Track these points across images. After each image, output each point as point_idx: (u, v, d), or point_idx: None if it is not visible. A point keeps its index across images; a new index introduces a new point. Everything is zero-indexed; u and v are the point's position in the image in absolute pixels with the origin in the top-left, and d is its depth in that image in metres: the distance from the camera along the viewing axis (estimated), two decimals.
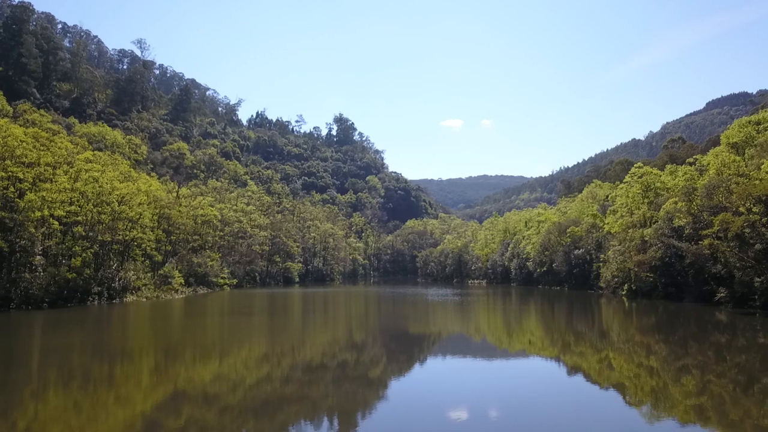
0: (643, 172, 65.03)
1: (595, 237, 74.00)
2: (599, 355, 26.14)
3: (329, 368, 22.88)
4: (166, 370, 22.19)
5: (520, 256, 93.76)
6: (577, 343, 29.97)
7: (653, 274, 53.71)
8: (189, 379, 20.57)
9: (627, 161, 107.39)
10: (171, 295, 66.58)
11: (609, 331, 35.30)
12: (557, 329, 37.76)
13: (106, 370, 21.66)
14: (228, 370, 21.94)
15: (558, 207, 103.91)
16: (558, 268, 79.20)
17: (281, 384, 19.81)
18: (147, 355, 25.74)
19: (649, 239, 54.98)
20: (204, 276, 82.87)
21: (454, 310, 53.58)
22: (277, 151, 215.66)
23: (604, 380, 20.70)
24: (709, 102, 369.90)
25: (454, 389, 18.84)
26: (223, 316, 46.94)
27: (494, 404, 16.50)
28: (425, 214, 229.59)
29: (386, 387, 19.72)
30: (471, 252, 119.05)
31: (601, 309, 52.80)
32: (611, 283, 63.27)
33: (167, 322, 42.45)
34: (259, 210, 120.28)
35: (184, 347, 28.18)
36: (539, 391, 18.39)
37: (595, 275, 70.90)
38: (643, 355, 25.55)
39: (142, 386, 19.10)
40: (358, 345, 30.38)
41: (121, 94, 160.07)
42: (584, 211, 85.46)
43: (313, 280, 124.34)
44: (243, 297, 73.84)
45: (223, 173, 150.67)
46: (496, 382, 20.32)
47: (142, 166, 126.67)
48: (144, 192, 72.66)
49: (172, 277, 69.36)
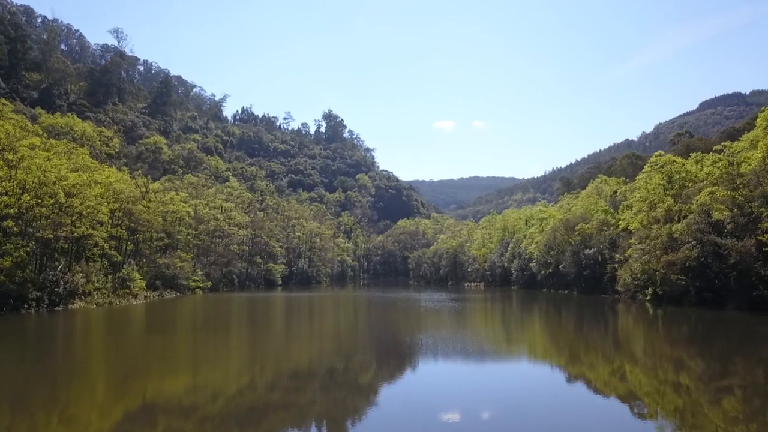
0: (665, 161, 57.61)
1: (607, 235, 66.55)
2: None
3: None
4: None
5: (522, 256, 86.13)
6: (600, 359, 25.60)
7: (685, 277, 46.21)
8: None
9: (634, 155, 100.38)
10: (129, 300, 58.21)
11: (631, 343, 30.30)
12: (578, 342, 30.85)
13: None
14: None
15: (561, 204, 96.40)
16: (565, 269, 71.66)
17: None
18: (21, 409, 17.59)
19: (679, 236, 47.52)
20: (173, 278, 74.55)
21: (451, 319, 45.74)
22: (263, 147, 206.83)
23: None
24: (702, 102, 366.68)
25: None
26: (180, 331, 38.75)
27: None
28: (417, 213, 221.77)
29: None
30: (467, 252, 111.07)
31: (621, 317, 45.51)
32: (630, 286, 55.74)
33: (99, 340, 34.17)
34: (239, 207, 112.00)
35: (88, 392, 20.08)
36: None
37: (609, 278, 63.40)
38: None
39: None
40: (347, 378, 22.49)
41: (95, 85, 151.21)
42: (592, 208, 78.12)
43: (297, 282, 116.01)
44: (215, 302, 65.67)
45: (204, 169, 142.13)
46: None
47: (114, 160, 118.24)
48: (101, 184, 64.52)
49: (132, 280, 60.98)
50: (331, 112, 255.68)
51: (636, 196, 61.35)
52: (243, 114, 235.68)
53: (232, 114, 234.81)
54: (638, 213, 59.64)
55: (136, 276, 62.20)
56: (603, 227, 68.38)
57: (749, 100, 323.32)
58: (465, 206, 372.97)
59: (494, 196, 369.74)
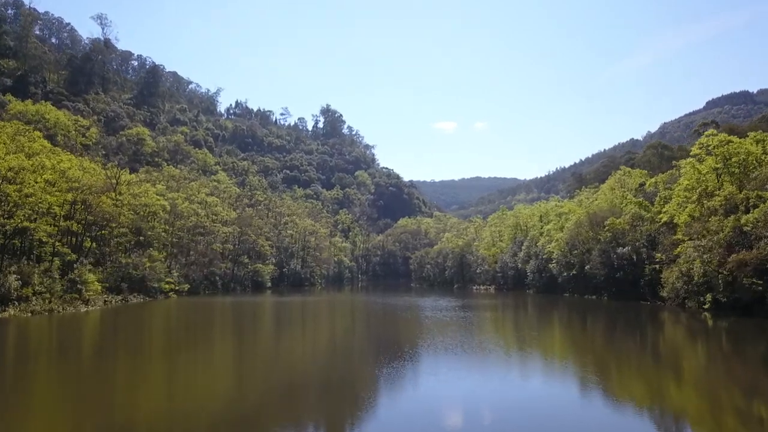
0: (720, 140, 48.01)
1: (644, 230, 57.07)
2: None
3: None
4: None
5: (539, 256, 76.47)
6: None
7: (761, 280, 36.75)
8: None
9: (661, 144, 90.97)
10: (78, 307, 48.66)
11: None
12: (630, 366, 21.15)
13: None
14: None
15: (578, 199, 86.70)
16: (592, 271, 62.11)
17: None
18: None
19: (752, 229, 38.06)
20: (142, 281, 65.10)
21: (462, 335, 36.25)
22: (257, 142, 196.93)
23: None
24: (708, 101, 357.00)
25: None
26: (107, 358, 29.28)
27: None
28: (419, 212, 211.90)
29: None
30: (475, 252, 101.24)
31: (672, 330, 36.92)
32: (681, 292, 46.25)
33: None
34: (225, 203, 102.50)
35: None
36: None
37: (648, 281, 53.92)
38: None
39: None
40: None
41: (76, 73, 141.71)
42: (617, 201, 68.65)
43: (289, 284, 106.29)
44: (185, 309, 56.24)
45: (191, 162, 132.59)
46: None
47: (91, 151, 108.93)
48: (53, 170, 55.17)
49: (84, 283, 51.47)
50: (329, 106, 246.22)
51: (681, 185, 51.87)
52: (237, 108, 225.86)
53: (226, 108, 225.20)
54: (684, 204, 50.25)
55: (90, 278, 52.68)
56: (637, 222, 58.92)
57: (757, 98, 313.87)
58: (467, 206, 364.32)
59: (497, 197, 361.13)
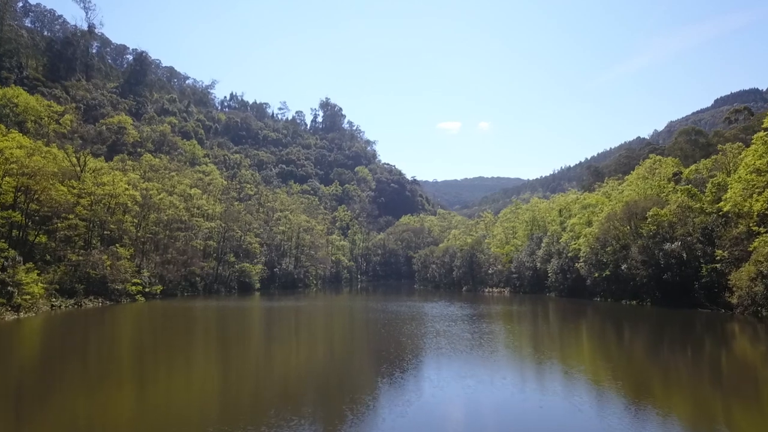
0: None
1: (697, 223, 47.49)
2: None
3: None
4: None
5: (563, 254, 66.83)
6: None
7: None
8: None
9: (695, 129, 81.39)
10: (4, 315, 39.25)
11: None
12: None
13: None
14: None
15: (604, 190, 76.92)
16: (630, 271, 52.52)
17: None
18: None
19: None
20: (102, 282, 55.80)
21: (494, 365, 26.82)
22: (252, 135, 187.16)
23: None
24: (717, 99, 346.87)
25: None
26: None
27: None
28: (422, 209, 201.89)
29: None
30: (486, 250, 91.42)
31: (755, 348, 26.90)
32: (757, 298, 36.69)
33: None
34: (210, 195, 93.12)
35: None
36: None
37: (706, 284, 44.40)
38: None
39: None
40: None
41: (56, 59, 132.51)
42: (655, 191, 59.18)
43: (281, 285, 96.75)
44: (147, 318, 46.93)
45: (178, 154, 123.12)
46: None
47: (65, 139, 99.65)
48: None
49: (17, 285, 42.03)
50: (328, 100, 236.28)
51: (748, 166, 42.33)
52: (232, 100, 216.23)
53: (220, 100, 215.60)
54: (750, 189, 40.79)
55: (25, 278, 43.24)
56: (687, 213, 49.35)
57: (767, 96, 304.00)
58: (470, 206, 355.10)
59: (500, 196, 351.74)
